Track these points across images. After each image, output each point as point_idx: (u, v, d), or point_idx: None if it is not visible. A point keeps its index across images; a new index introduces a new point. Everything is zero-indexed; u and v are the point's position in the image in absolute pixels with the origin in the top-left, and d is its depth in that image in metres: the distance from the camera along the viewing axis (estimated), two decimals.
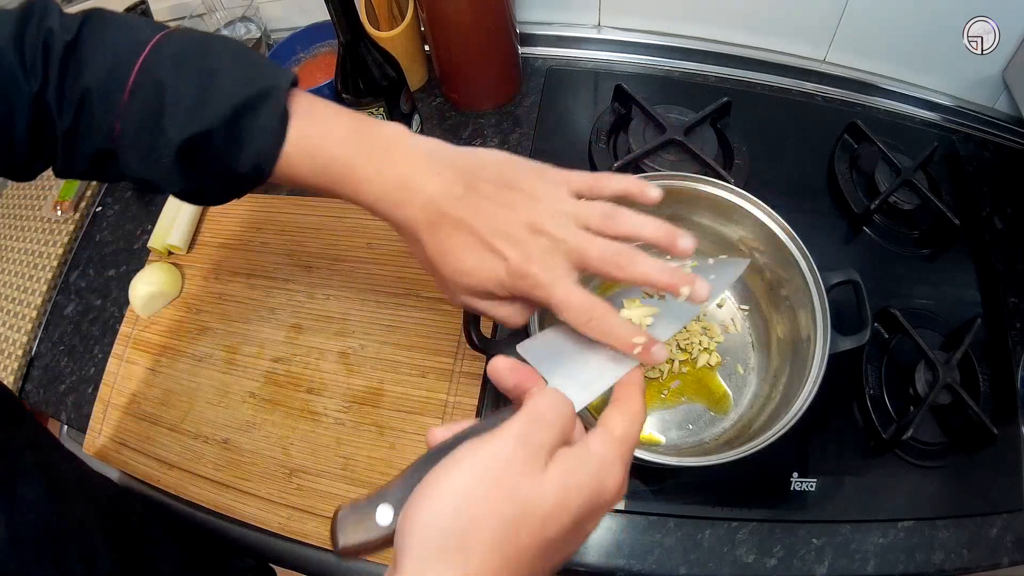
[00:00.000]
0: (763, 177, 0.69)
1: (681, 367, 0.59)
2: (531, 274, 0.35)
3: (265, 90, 0.37)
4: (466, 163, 0.38)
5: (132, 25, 0.39)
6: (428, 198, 0.37)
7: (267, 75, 0.38)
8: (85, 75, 0.37)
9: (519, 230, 0.35)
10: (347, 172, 0.38)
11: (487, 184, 0.37)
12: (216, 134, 0.37)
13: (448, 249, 0.37)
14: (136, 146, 0.37)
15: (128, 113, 0.37)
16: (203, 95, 0.36)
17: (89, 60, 0.37)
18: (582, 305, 0.34)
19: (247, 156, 0.37)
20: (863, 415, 0.58)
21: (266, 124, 0.37)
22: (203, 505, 0.59)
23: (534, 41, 0.82)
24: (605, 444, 0.30)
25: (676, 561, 0.53)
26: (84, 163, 0.39)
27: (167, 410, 0.63)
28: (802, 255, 0.52)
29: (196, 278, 0.70)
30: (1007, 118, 0.75)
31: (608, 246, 0.35)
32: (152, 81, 0.36)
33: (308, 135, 0.38)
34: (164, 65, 0.37)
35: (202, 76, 0.37)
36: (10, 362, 0.68)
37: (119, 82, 0.37)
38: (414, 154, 0.38)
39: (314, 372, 0.63)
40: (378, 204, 0.38)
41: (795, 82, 0.78)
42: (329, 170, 0.38)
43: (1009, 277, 0.66)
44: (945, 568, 0.53)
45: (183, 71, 0.37)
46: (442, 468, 0.29)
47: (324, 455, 0.59)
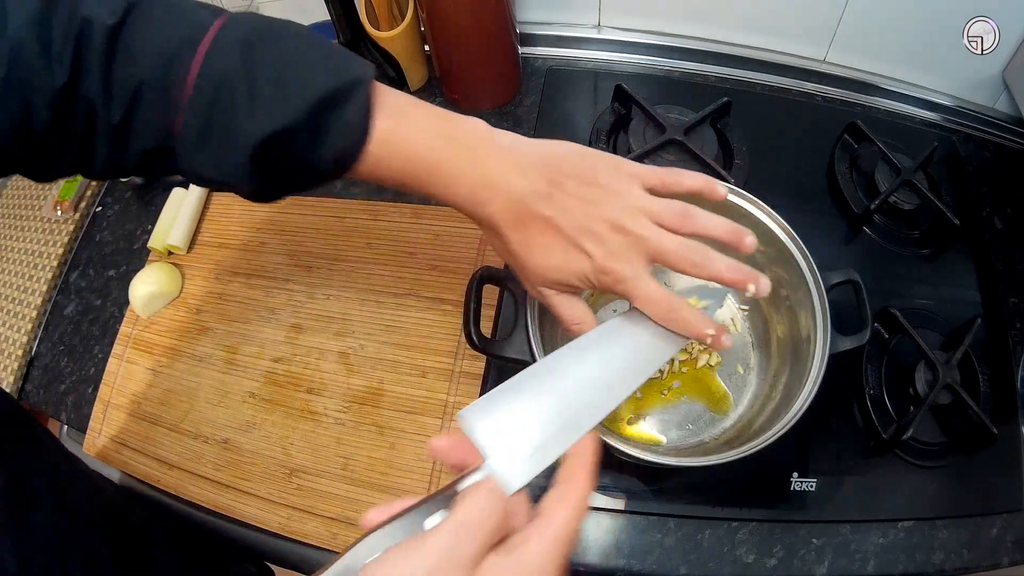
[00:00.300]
0: (763, 177, 0.69)
1: (681, 367, 0.59)
2: (615, 270, 0.37)
3: (350, 82, 0.35)
4: (548, 159, 0.38)
5: (187, 7, 0.35)
6: (515, 196, 0.37)
7: (350, 66, 0.36)
8: (138, 64, 0.33)
9: (602, 227, 0.37)
10: (433, 170, 0.37)
11: (569, 180, 0.37)
12: (298, 130, 0.34)
13: (534, 246, 0.38)
14: (202, 144, 0.34)
15: (192, 108, 0.33)
16: (282, 87, 0.34)
17: (142, 48, 0.33)
18: (664, 298, 0.37)
19: (328, 152, 0.35)
20: (863, 415, 0.58)
21: (351, 119, 0.35)
22: (203, 505, 0.59)
23: (534, 41, 0.82)
24: (543, 542, 0.26)
25: (676, 561, 0.53)
26: (134, 161, 0.36)
27: (167, 410, 0.63)
28: (802, 255, 0.52)
29: (196, 278, 0.70)
30: (1007, 118, 0.75)
31: (684, 243, 0.37)
32: (219, 71, 0.33)
33: (394, 131, 0.36)
34: (232, 54, 0.34)
35: (278, 66, 0.34)
36: (10, 362, 0.68)
37: (179, 73, 0.33)
38: (499, 151, 0.38)
39: (314, 372, 0.63)
40: (464, 202, 0.38)
41: (795, 82, 0.78)
42: (414, 168, 0.37)
43: (1009, 277, 0.66)
44: (945, 568, 0.53)
45: (256, 61, 0.34)
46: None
47: (324, 455, 0.59)
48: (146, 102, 0.33)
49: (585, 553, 0.54)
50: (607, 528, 0.55)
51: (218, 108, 0.33)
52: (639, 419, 0.57)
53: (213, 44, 0.33)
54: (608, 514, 0.55)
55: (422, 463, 0.58)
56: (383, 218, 0.70)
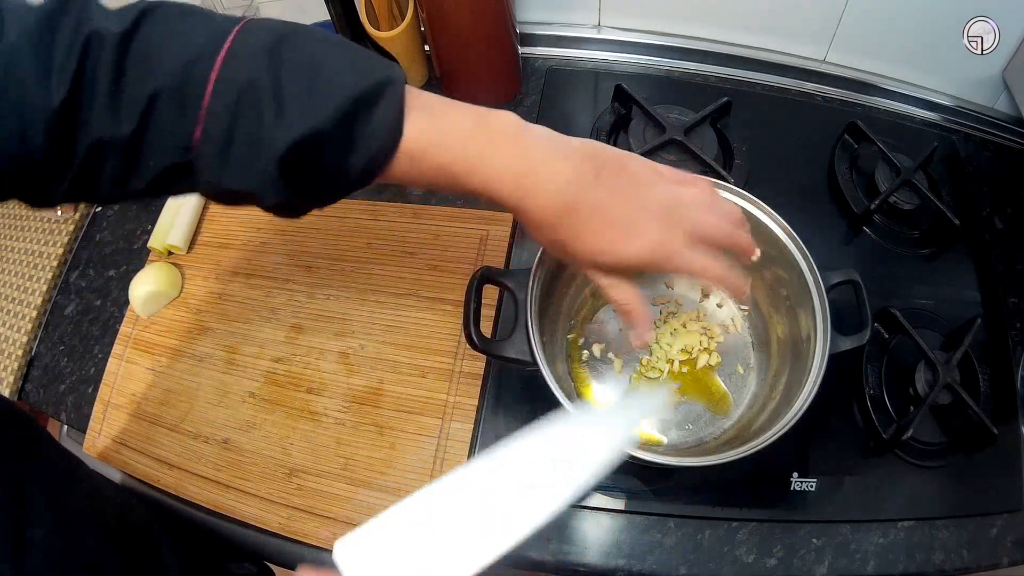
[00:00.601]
0: (763, 177, 0.69)
1: (681, 367, 0.59)
2: (669, 248, 0.39)
3: (380, 82, 0.34)
4: (584, 148, 0.39)
5: (204, 14, 0.34)
6: (563, 184, 0.37)
7: (379, 66, 0.34)
8: (151, 72, 0.31)
9: (648, 209, 0.39)
10: (474, 164, 0.36)
11: (609, 168, 0.39)
12: (328, 133, 0.33)
13: (584, 232, 0.38)
14: (224, 154, 0.32)
15: (212, 116, 0.32)
16: (310, 91, 0.32)
17: (155, 54, 0.31)
18: (713, 265, 0.40)
19: (359, 157, 0.34)
20: (863, 415, 0.58)
21: (384, 121, 0.34)
22: (203, 505, 0.59)
23: (534, 41, 0.82)
24: None
25: (676, 561, 0.53)
26: (146, 181, 0.33)
27: (167, 410, 0.63)
28: (802, 255, 0.52)
29: (196, 278, 0.70)
30: (1007, 118, 0.75)
31: (718, 224, 0.41)
32: (241, 78, 0.31)
33: (428, 128, 0.35)
34: (254, 59, 0.32)
35: (304, 69, 0.33)
36: (10, 362, 0.68)
37: (198, 79, 0.31)
38: (540, 142, 0.38)
39: (314, 372, 0.63)
40: (508, 195, 0.37)
41: (795, 82, 0.78)
42: (452, 164, 0.36)
43: (1009, 277, 0.66)
44: (945, 568, 0.53)
45: (280, 64, 0.32)
46: None
47: (324, 455, 0.59)
48: (161, 113, 0.31)
49: (585, 553, 0.54)
50: (607, 528, 0.55)
51: (241, 115, 0.32)
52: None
53: (233, 48, 0.32)
54: (608, 514, 0.55)
55: (422, 463, 0.58)
56: (383, 218, 0.70)
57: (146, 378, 0.65)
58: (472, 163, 0.36)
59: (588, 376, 0.59)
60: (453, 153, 0.36)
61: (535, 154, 0.37)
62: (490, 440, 0.58)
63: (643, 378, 0.58)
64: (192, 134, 0.32)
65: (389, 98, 0.34)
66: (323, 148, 0.33)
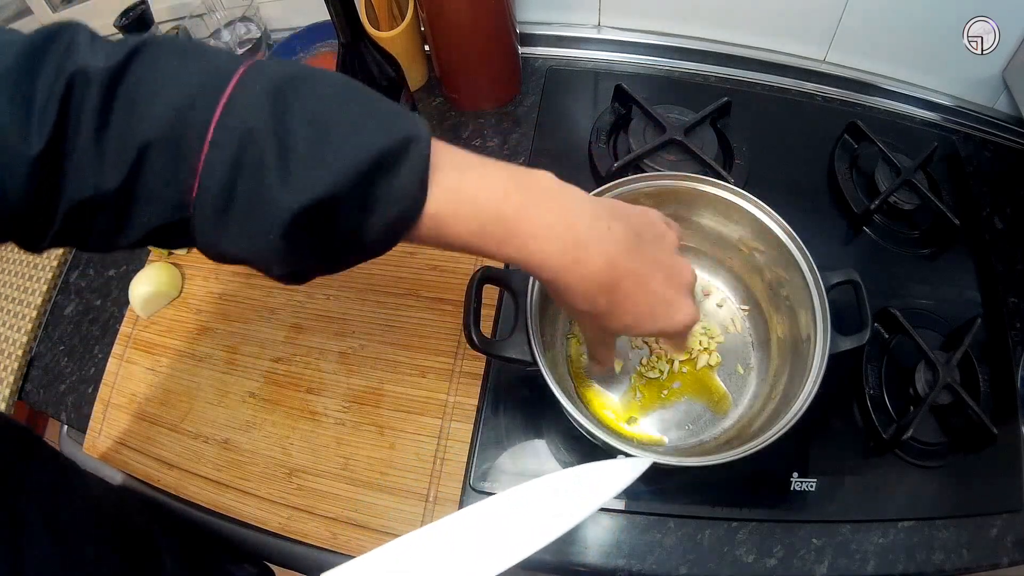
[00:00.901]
0: (763, 177, 0.69)
1: (681, 367, 0.58)
2: (694, 317, 0.39)
3: (404, 139, 0.30)
4: (615, 209, 0.38)
5: (204, 51, 0.30)
6: (611, 253, 0.35)
7: (400, 121, 0.30)
8: (142, 118, 0.27)
9: (678, 278, 0.39)
10: (512, 224, 0.33)
11: (645, 235, 0.38)
12: (343, 199, 0.28)
13: (625, 303, 0.37)
14: (223, 216, 0.28)
15: (210, 171, 0.28)
16: (322, 147, 0.28)
17: (147, 98, 0.27)
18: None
19: (376, 225, 0.31)
20: (863, 415, 0.58)
21: (408, 182, 0.30)
22: (203, 505, 0.59)
23: (534, 41, 0.82)
24: None
25: (676, 561, 0.53)
26: (138, 236, 0.30)
27: (167, 410, 0.63)
28: (802, 255, 0.52)
29: (196, 278, 0.70)
30: (1007, 118, 0.75)
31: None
32: (244, 126, 0.27)
33: (459, 188, 0.32)
34: (258, 105, 0.28)
35: (316, 121, 0.28)
36: (10, 362, 0.68)
37: (195, 128, 0.27)
38: (580, 205, 0.35)
39: (314, 372, 0.63)
40: (555, 262, 0.34)
41: (795, 82, 0.78)
42: (487, 224, 0.33)
43: (1009, 277, 0.66)
44: (945, 568, 0.53)
45: (288, 114, 0.28)
46: None
47: (324, 455, 0.59)
48: (152, 164, 0.27)
49: (585, 553, 0.54)
50: (607, 528, 0.55)
51: (243, 171, 0.28)
52: (639, 419, 0.57)
53: (234, 93, 0.28)
54: (608, 514, 0.55)
55: (422, 463, 0.58)
56: None
57: (146, 378, 0.65)
58: (509, 222, 0.33)
59: (588, 376, 0.59)
60: (489, 209, 0.33)
61: (581, 220, 0.34)
62: (490, 440, 0.58)
63: (643, 378, 0.58)
64: (187, 191, 0.28)
65: (414, 157, 0.30)
66: (335, 214, 0.29)
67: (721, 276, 0.62)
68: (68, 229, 0.29)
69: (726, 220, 0.57)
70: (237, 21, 0.82)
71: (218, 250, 0.31)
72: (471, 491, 0.56)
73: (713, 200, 0.56)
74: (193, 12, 0.81)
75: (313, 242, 0.30)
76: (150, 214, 0.29)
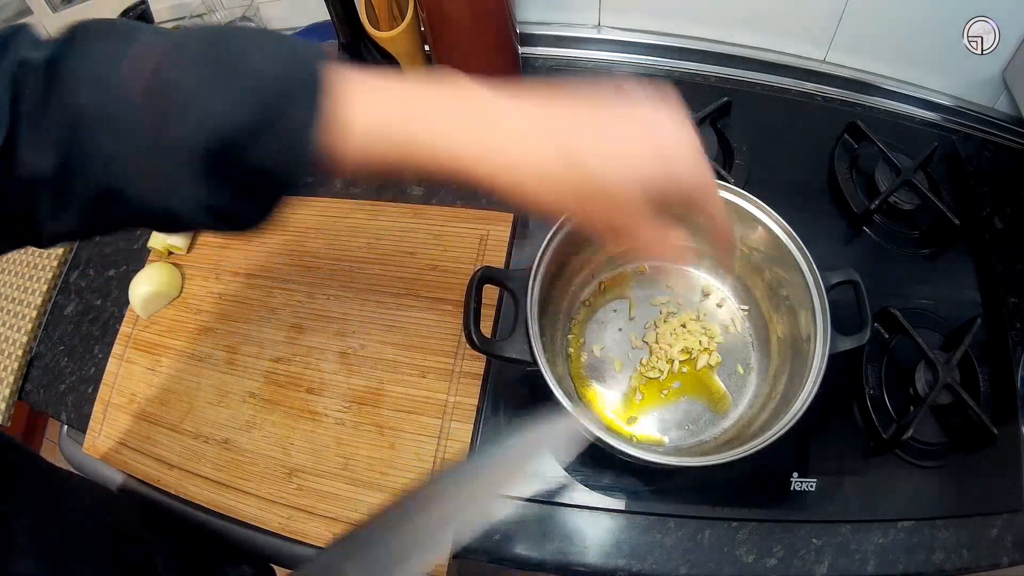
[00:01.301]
0: (763, 177, 0.69)
1: (681, 367, 0.59)
2: (695, 140, 0.35)
3: (304, 63, 0.30)
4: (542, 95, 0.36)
5: (134, 26, 0.31)
6: (560, 140, 0.34)
7: (302, 49, 0.31)
8: (73, 92, 0.28)
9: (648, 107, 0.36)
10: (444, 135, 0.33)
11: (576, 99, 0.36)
12: (249, 130, 0.29)
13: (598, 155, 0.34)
14: (148, 170, 0.29)
15: (136, 129, 0.28)
16: (227, 82, 0.29)
17: (78, 72, 0.28)
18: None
19: (289, 153, 0.30)
20: (863, 415, 0.58)
21: (311, 106, 0.29)
22: (203, 505, 0.59)
23: (534, 41, 0.82)
24: None
25: (676, 561, 0.53)
26: (79, 213, 0.30)
27: (167, 410, 0.63)
28: (802, 255, 0.52)
29: (196, 278, 0.70)
30: (1007, 118, 0.75)
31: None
32: (164, 83, 0.29)
33: (375, 105, 0.31)
34: (180, 65, 0.29)
35: (223, 64, 0.29)
36: (10, 362, 0.68)
37: (125, 93, 0.28)
38: (495, 99, 0.35)
39: (314, 372, 0.63)
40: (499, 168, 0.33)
41: (795, 82, 0.78)
42: (417, 137, 0.32)
43: (1009, 277, 0.66)
44: (945, 568, 0.53)
45: (200, 64, 0.29)
46: None
47: (324, 455, 0.59)
48: (84, 133, 0.28)
49: (585, 553, 0.54)
50: (607, 528, 0.55)
51: (164, 124, 0.28)
52: (639, 419, 0.57)
53: (163, 58, 0.29)
54: (608, 514, 0.55)
55: (422, 463, 0.58)
56: (383, 218, 0.70)
57: (146, 378, 0.65)
58: (440, 132, 0.33)
59: (588, 376, 0.59)
60: (412, 127, 0.32)
61: (502, 111, 0.35)
62: (490, 440, 0.58)
63: (644, 378, 0.58)
64: (118, 153, 0.29)
65: (317, 78, 0.30)
66: (246, 148, 0.29)
67: (721, 276, 0.63)
68: (25, 224, 0.30)
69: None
70: (237, 21, 0.82)
71: (149, 208, 0.31)
72: None
73: None
74: (193, 12, 0.81)
75: (231, 177, 0.30)
76: (89, 182, 0.29)
